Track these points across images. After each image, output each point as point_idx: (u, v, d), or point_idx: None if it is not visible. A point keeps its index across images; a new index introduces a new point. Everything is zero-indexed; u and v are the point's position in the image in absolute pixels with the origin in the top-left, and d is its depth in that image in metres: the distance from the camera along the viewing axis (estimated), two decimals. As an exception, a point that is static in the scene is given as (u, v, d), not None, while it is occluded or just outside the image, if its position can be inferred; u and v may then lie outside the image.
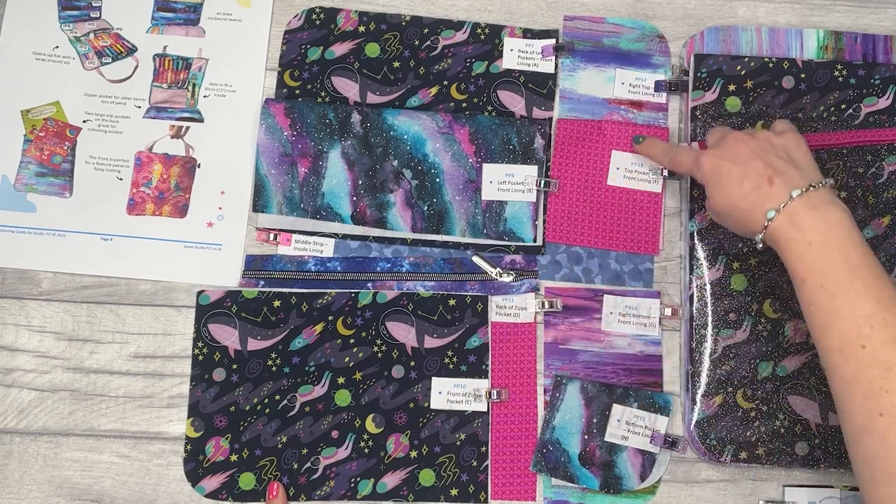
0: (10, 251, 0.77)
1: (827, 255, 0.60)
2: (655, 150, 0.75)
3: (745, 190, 0.64)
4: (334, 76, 0.80)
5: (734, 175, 0.65)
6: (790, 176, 0.63)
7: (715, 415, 0.74)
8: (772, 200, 0.63)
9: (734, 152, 0.66)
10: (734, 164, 0.65)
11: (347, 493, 0.73)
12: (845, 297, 0.59)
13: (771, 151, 0.65)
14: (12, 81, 0.80)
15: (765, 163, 0.64)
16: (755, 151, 0.65)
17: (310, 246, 0.77)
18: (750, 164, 0.65)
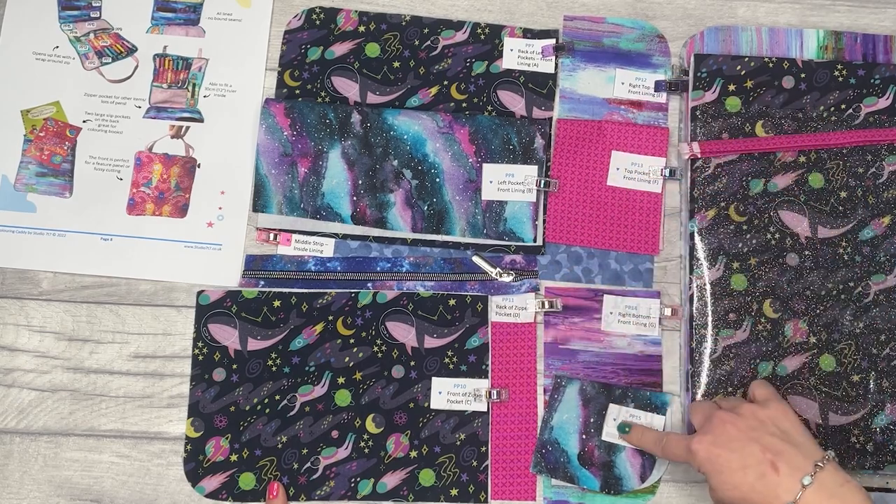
0: (10, 251, 0.77)
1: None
2: (646, 441, 0.71)
3: (751, 480, 0.62)
4: (334, 76, 0.80)
5: (733, 464, 0.63)
6: (791, 457, 0.62)
7: (715, 415, 0.74)
8: (784, 491, 0.60)
9: (725, 437, 0.64)
10: (730, 452, 0.63)
11: (347, 493, 0.73)
12: None
13: (762, 430, 0.64)
14: (12, 81, 0.80)
15: (761, 446, 0.62)
16: (746, 433, 0.63)
17: (310, 246, 0.78)
18: (746, 449, 0.63)
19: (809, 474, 0.60)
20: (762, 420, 0.64)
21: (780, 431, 0.64)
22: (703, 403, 0.70)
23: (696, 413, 0.69)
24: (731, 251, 0.76)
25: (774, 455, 0.62)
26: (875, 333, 0.75)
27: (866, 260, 0.76)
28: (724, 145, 0.77)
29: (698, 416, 0.68)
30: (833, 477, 0.61)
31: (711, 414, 0.66)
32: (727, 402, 0.69)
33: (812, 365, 0.74)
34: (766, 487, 0.61)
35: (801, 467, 0.61)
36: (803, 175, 0.77)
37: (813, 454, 0.62)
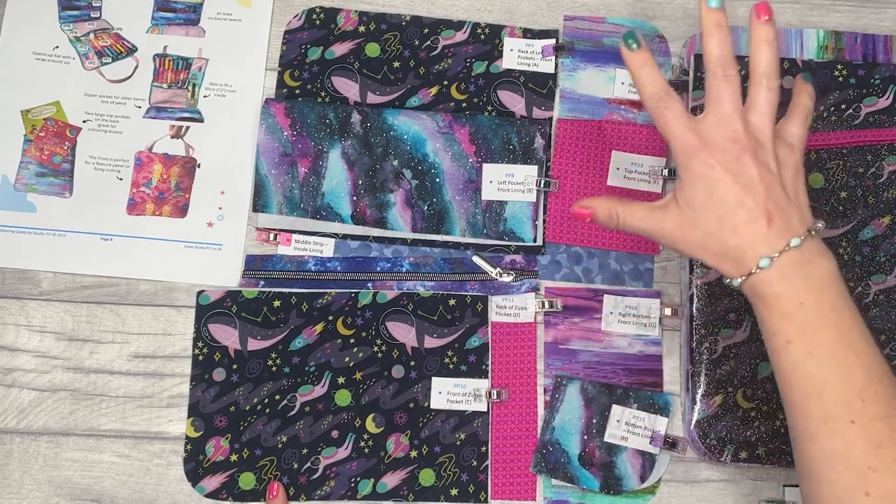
0: (10, 251, 0.77)
1: (820, 319, 0.53)
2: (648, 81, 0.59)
3: (738, 221, 0.55)
4: (334, 76, 0.80)
5: (730, 197, 0.55)
6: (790, 217, 0.55)
7: (715, 415, 0.74)
8: (767, 245, 0.54)
9: (738, 164, 0.55)
10: (734, 182, 0.55)
11: (347, 493, 0.73)
12: (836, 367, 0.52)
13: (776, 175, 0.56)
14: (12, 81, 0.80)
15: (767, 193, 0.55)
16: (760, 171, 0.55)
17: (310, 246, 0.77)
18: (752, 187, 0.55)
19: (800, 237, 0.54)
20: (781, 161, 0.57)
21: (792, 183, 0.57)
22: (720, 91, 0.58)
23: (711, 93, 0.58)
24: (731, 251, 0.76)
25: (775, 208, 0.55)
26: (875, 333, 0.74)
27: (866, 260, 0.76)
28: (724, 145, 0.77)
29: (713, 105, 0.58)
30: (817, 246, 0.55)
31: (726, 119, 0.56)
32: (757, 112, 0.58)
33: (812, 365, 0.74)
34: (749, 235, 0.55)
35: (793, 229, 0.55)
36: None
37: (808, 220, 0.56)
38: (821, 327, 0.53)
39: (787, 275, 0.54)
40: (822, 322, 0.53)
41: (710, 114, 0.57)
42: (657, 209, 0.59)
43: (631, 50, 0.59)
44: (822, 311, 0.53)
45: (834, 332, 0.53)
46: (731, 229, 0.55)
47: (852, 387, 0.52)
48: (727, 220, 0.55)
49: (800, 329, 0.53)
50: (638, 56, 0.58)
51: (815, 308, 0.53)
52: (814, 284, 0.54)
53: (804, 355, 0.53)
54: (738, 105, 0.57)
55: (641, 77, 0.58)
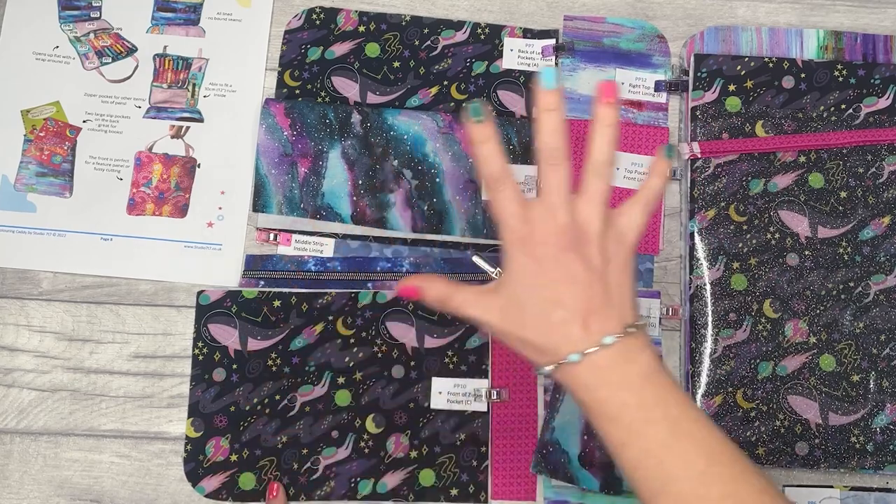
0: (10, 251, 0.77)
1: (646, 415, 0.51)
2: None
3: (555, 320, 0.52)
4: (334, 76, 0.80)
5: (549, 294, 0.53)
6: (608, 318, 0.52)
7: (715, 415, 0.74)
8: (580, 343, 0.52)
9: (560, 260, 0.53)
10: (553, 280, 0.53)
11: (347, 493, 0.73)
12: (675, 459, 0.50)
13: (600, 271, 0.53)
14: (12, 81, 0.80)
15: (586, 293, 0.52)
16: (583, 268, 0.53)
17: (310, 246, 0.78)
18: (572, 286, 0.52)
19: (616, 335, 0.51)
20: (612, 260, 0.54)
21: (616, 281, 0.53)
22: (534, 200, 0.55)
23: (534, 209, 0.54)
24: (731, 251, 0.76)
25: (593, 308, 0.52)
26: (875, 333, 0.75)
27: (866, 260, 0.76)
28: (724, 145, 0.77)
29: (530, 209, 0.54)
30: (637, 341, 0.52)
31: (552, 206, 0.54)
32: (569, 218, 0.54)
33: (812, 365, 0.74)
34: (564, 335, 0.52)
35: (610, 328, 0.52)
36: (803, 175, 0.77)
37: (628, 316, 0.53)
38: (649, 424, 0.51)
39: (605, 377, 0.51)
40: (649, 418, 0.51)
41: (539, 202, 0.54)
42: (485, 295, 0.56)
43: (476, 122, 0.55)
44: (647, 408, 0.51)
45: (663, 426, 0.51)
46: (548, 328, 0.53)
47: (693, 474, 0.50)
48: (544, 319, 0.53)
49: (629, 430, 0.51)
50: (482, 130, 0.55)
51: (639, 407, 0.51)
52: (634, 382, 0.51)
53: (641, 455, 0.51)
54: (565, 195, 0.54)
55: (483, 153, 0.55)
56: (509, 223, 0.54)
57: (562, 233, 0.53)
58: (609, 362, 0.51)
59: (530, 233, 0.54)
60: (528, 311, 0.53)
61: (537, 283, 0.53)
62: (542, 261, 0.53)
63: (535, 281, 0.53)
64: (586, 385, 0.52)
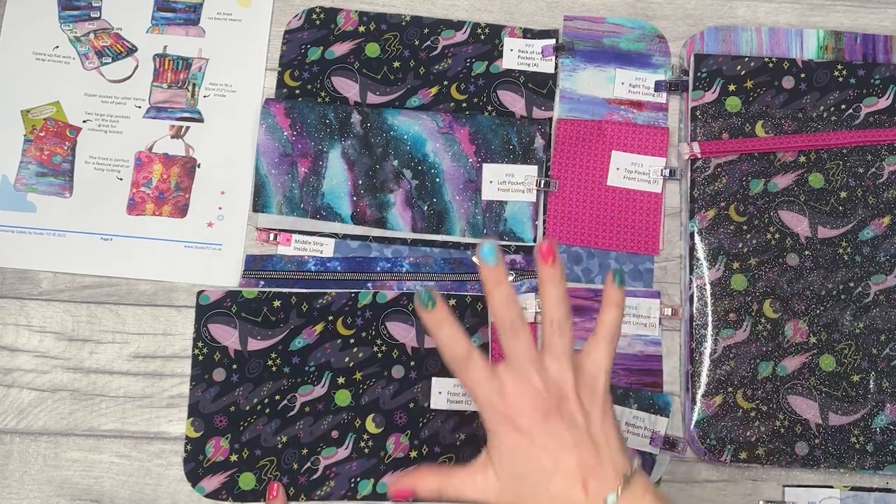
0: (10, 251, 0.77)
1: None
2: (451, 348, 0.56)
3: (554, 490, 0.53)
4: (334, 76, 0.80)
5: (543, 465, 0.53)
6: (605, 474, 0.53)
7: (715, 415, 0.74)
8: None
9: (545, 429, 0.54)
10: (544, 450, 0.53)
11: (347, 493, 0.73)
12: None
13: (584, 427, 0.54)
14: (12, 81, 0.80)
15: (578, 454, 0.53)
16: (568, 429, 0.54)
17: (310, 246, 0.78)
18: (563, 452, 0.53)
19: (615, 491, 0.53)
20: (590, 411, 0.55)
21: (601, 430, 0.55)
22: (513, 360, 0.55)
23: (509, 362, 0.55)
24: (731, 251, 0.76)
25: (588, 469, 0.53)
26: (875, 333, 0.75)
27: (866, 260, 0.76)
28: (724, 145, 0.77)
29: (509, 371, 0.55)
30: (637, 488, 0.53)
31: (523, 371, 0.55)
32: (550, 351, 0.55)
33: (812, 365, 0.74)
34: (568, 501, 0.53)
35: (609, 486, 0.53)
36: (803, 175, 0.77)
37: (622, 465, 0.54)
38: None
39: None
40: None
41: (509, 370, 0.55)
42: (478, 475, 0.56)
43: (428, 310, 0.55)
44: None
45: None
46: (549, 499, 0.53)
47: None
48: (542, 490, 0.53)
49: None
50: (435, 315, 0.55)
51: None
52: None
53: None
54: (532, 357, 0.55)
55: (441, 338, 0.55)
56: (487, 400, 0.54)
57: (540, 398, 0.54)
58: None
59: (509, 405, 0.54)
60: (526, 484, 0.54)
61: (529, 455, 0.54)
62: (528, 433, 0.54)
63: (527, 454, 0.54)
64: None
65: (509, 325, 0.55)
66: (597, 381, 0.56)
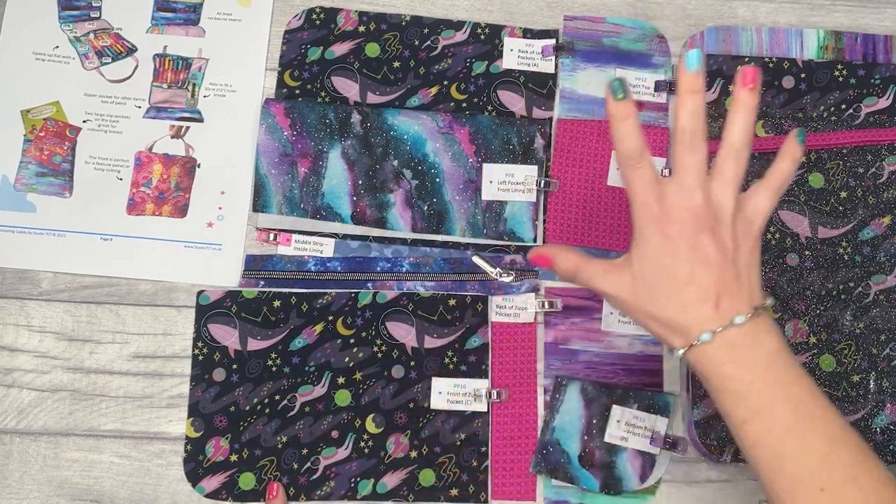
0: (10, 251, 0.77)
1: (771, 394, 0.53)
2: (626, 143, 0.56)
3: (687, 299, 0.54)
4: (334, 76, 0.80)
5: (681, 274, 0.54)
6: (739, 298, 0.54)
7: (715, 415, 0.73)
8: (711, 324, 0.54)
9: (693, 240, 0.54)
10: (686, 259, 0.54)
11: (347, 493, 0.73)
12: (795, 439, 0.52)
13: (731, 253, 0.55)
14: (12, 81, 0.80)
15: (719, 273, 0.54)
16: (715, 250, 0.54)
17: (310, 246, 0.77)
18: (705, 267, 0.54)
19: (746, 315, 0.53)
20: (741, 242, 0.55)
21: (746, 262, 0.55)
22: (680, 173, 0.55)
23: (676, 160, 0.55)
24: (731, 251, 0.76)
25: (724, 290, 0.54)
26: (875, 333, 0.75)
27: (866, 260, 0.76)
28: (725, 145, 0.77)
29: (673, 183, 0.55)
30: (764, 322, 0.54)
31: (688, 187, 0.55)
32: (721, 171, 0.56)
33: (812, 365, 0.74)
34: (696, 313, 0.54)
35: (740, 309, 0.54)
36: (803, 175, 0.77)
37: (757, 296, 0.55)
38: (773, 403, 0.53)
39: (734, 353, 0.53)
40: (773, 398, 0.53)
41: (674, 181, 0.55)
42: (613, 271, 0.57)
43: (616, 99, 0.55)
44: (772, 388, 0.53)
45: (786, 407, 0.52)
46: (680, 307, 0.54)
47: (815, 456, 0.51)
48: (676, 296, 0.54)
49: (753, 409, 0.53)
50: (622, 107, 0.55)
51: (765, 386, 0.53)
52: (761, 362, 0.53)
53: (762, 433, 0.52)
54: (701, 176, 0.55)
55: (620, 130, 0.55)
56: (644, 201, 0.55)
57: (696, 213, 0.54)
58: (738, 342, 0.53)
59: (665, 212, 0.55)
60: (661, 287, 0.55)
61: (671, 261, 0.54)
62: (676, 240, 0.54)
63: (669, 259, 0.54)
64: (714, 361, 0.53)
65: (689, 136, 0.55)
66: (754, 221, 0.56)
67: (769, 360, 0.53)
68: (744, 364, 0.53)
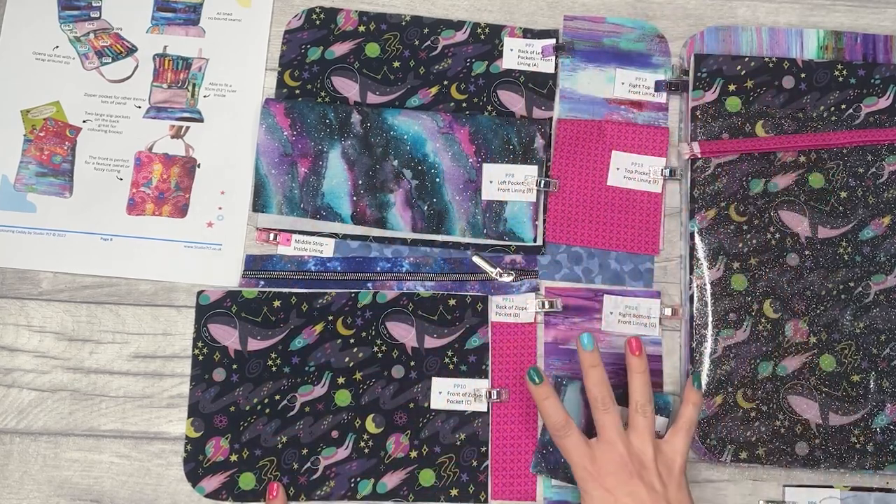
0: (10, 251, 0.77)
1: None
2: (550, 413, 0.69)
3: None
4: (334, 76, 0.80)
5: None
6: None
7: (715, 415, 0.74)
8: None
9: (628, 487, 0.64)
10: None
11: (347, 493, 0.73)
12: None
13: (661, 493, 0.65)
14: (12, 81, 0.80)
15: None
16: (648, 492, 0.64)
17: (310, 246, 0.77)
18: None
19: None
20: (667, 483, 0.65)
21: (676, 498, 0.65)
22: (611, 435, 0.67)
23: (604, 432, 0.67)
24: (731, 251, 0.76)
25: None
26: (875, 333, 0.75)
27: (866, 260, 0.76)
28: (725, 145, 0.77)
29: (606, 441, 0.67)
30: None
31: (611, 441, 0.66)
32: (637, 433, 0.67)
33: (812, 365, 0.74)
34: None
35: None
36: (803, 175, 0.77)
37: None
38: None
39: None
40: None
41: (600, 441, 0.67)
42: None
43: (534, 384, 0.69)
44: None
45: None
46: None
47: None
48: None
49: None
50: (541, 390, 0.68)
51: None
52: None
53: None
54: (619, 431, 0.66)
55: (545, 409, 0.68)
56: (580, 463, 0.66)
57: (624, 463, 0.65)
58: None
59: (599, 469, 0.66)
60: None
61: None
62: (613, 490, 0.65)
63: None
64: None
65: (601, 401, 0.67)
66: (674, 461, 0.67)
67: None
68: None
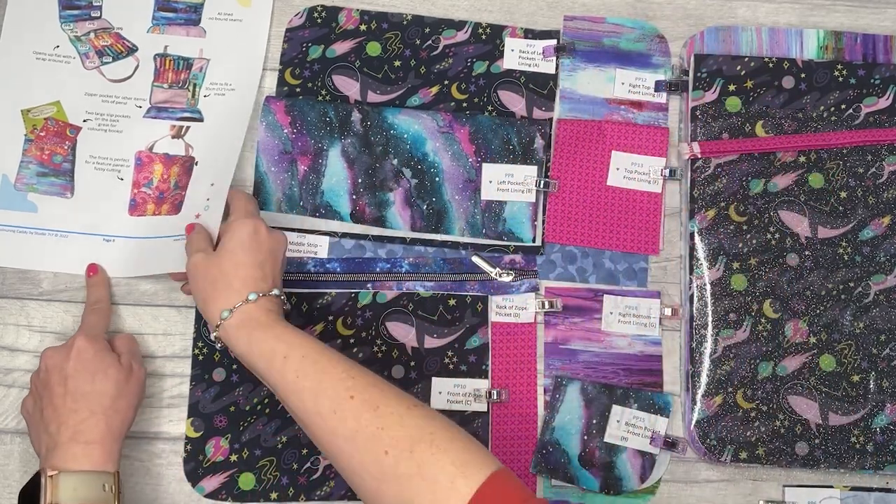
0: (11, 251, 0.77)
1: (299, 335, 0.64)
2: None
3: (217, 303, 0.66)
4: (335, 75, 0.80)
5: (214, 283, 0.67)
6: (224, 297, 0.66)
7: (715, 415, 0.74)
8: (217, 314, 0.66)
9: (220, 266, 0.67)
10: (205, 280, 0.67)
11: (347, 493, 0.73)
12: (326, 360, 0.62)
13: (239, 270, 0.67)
14: (12, 81, 0.80)
15: (226, 283, 0.66)
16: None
17: (304, 248, 0.77)
18: (219, 281, 0.67)
19: (229, 309, 0.65)
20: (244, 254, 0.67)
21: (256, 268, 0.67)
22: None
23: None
24: (731, 251, 0.76)
25: (216, 290, 0.66)
26: (875, 333, 0.75)
27: (866, 260, 0.76)
28: (724, 145, 0.77)
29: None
30: (258, 307, 0.65)
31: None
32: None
33: (812, 365, 0.74)
34: (210, 312, 0.66)
35: (227, 304, 0.65)
36: (803, 175, 0.77)
37: (245, 290, 0.66)
38: (303, 338, 0.64)
39: (261, 318, 0.65)
40: (302, 336, 0.64)
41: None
42: None
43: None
44: (297, 331, 0.65)
45: (312, 341, 0.64)
46: (214, 309, 0.66)
47: (342, 370, 0.62)
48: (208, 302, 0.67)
49: (290, 345, 0.63)
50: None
51: (292, 329, 0.65)
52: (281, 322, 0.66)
53: (300, 360, 0.62)
54: None
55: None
56: None
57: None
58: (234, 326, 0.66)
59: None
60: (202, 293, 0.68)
61: None
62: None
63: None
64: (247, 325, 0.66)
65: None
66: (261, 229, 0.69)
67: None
68: (272, 323, 0.65)
